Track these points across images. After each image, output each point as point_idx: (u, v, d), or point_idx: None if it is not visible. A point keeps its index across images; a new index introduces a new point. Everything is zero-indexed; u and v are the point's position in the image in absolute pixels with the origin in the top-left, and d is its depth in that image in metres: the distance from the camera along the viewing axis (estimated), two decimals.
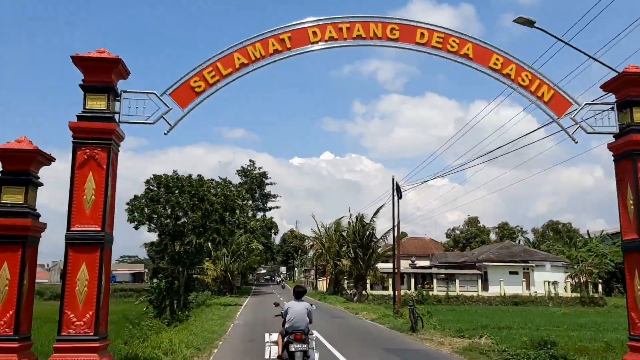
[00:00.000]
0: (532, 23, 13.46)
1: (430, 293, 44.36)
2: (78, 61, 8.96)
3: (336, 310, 32.39)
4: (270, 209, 76.26)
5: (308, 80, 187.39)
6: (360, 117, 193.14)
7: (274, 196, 76.53)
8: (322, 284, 63.51)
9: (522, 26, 13.76)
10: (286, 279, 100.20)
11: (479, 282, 48.70)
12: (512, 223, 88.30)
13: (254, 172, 75.13)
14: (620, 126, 9.70)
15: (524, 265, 50.12)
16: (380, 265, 45.42)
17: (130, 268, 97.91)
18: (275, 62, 9.79)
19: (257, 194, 74.29)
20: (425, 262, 60.59)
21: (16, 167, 8.73)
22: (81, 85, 9.04)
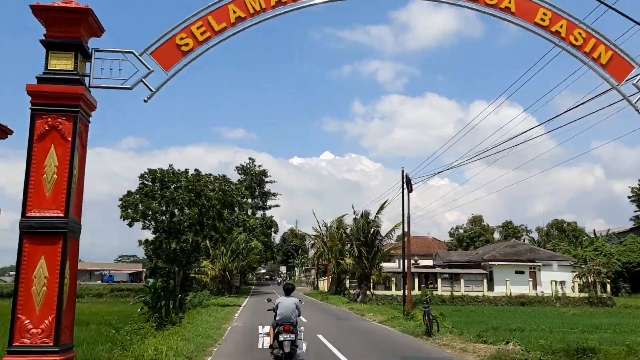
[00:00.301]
0: None
1: (434, 293, 42.89)
2: (39, 12, 7.38)
3: (340, 312, 30.78)
4: (270, 207, 74.67)
5: (308, 80, 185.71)
6: (360, 118, 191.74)
7: (274, 194, 74.92)
8: (323, 284, 61.87)
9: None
10: (286, 279, 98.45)
11: (485, 282, 47.71)
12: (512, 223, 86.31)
13: (253, 169, 73.38)
14: None
15: (531, 264, 49.16)
16: (382, 264, 43.81)
17: (128, 267, 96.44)
18: (277, 16, 8.17)
19: (256, 192, 72.55)
20: (428, 262, 59.26)
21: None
22: (42, 42, 7.45)
